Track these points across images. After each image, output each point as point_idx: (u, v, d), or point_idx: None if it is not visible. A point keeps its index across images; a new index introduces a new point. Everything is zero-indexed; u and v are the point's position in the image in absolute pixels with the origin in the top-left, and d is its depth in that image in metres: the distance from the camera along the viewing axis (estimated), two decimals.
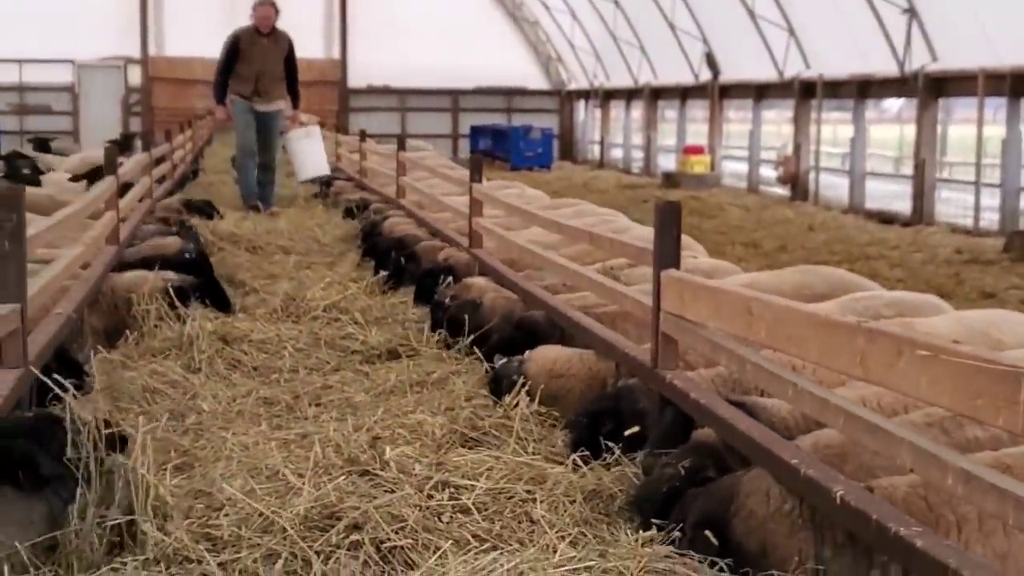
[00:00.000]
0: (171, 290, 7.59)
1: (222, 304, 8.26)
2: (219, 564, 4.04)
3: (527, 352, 6.31)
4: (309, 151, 17.40)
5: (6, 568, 3.81)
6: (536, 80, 38.90)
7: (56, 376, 4.76)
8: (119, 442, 4.44)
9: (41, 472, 4.10)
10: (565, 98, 38.70)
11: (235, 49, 15.77)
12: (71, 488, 4.18)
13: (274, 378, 6.98)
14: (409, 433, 5.60)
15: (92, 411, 5.57)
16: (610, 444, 5.17)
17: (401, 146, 14.58)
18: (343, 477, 4.73)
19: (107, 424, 4.35)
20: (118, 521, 4.19)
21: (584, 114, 38.22)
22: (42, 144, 22.52)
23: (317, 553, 4.11)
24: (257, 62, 15.71)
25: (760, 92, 25.97)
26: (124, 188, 10.97)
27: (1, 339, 4.68)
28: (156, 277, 7.77)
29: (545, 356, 6.23)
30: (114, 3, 35.40)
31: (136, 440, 4.61)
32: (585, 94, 37.24)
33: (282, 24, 16.11)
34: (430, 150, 24.29)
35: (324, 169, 17.74)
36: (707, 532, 4.13)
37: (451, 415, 5.82)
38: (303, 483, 4.59)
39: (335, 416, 5.99)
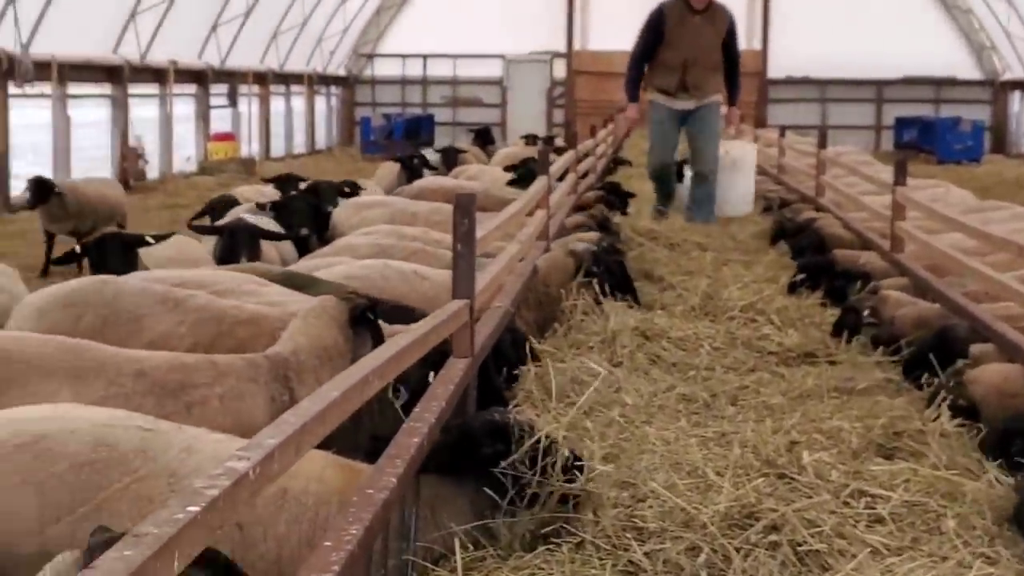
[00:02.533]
0: (595, 285, 8.00)
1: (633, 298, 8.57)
2: (645, 554, 4.30)
3: (967, 370, 6.18)
4: (735, 182, 14.26)
5: (457, 543, 4.21)
6: (967, 69, 37.20)
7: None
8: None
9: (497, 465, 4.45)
10: (999, 88, 36.76)
11: (658, 29, 12.57)
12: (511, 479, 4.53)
13: (692, 375, 7.21)
14: (825, 438, 5.69)
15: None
16: None
17: (822, 143, 14.46)
18: (761, 478, 4.91)
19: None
20: (552, 508, 4.54)
21: (1019, 105, 36.16)
22: (482, 135, 24.09)
23: (737, 550, 4.31)
24: (686, 46, 12.47)
25: None
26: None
27: (453, 332, 5.17)
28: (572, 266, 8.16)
29: (993, 374, 6.10)
30: (543, 0, 36.86)
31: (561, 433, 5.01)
32: (1021, 84, 35.27)
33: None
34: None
35: (747, 206, 14.50)
36: None
37: (868, 423, 5.86)
38: (723, 482, 4.80)
39: (753, 417, 6.17)
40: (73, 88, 22.28)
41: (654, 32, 12.56)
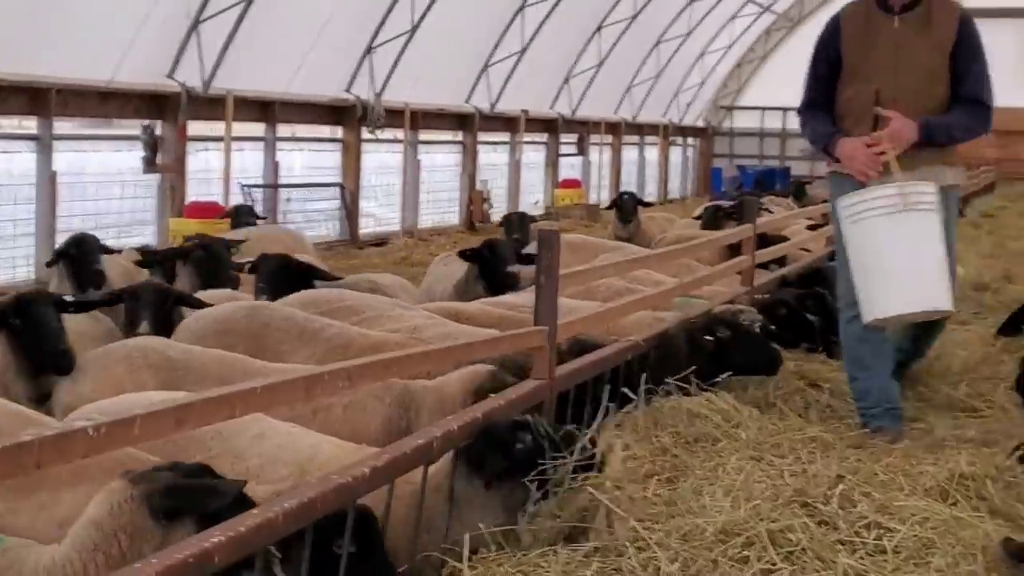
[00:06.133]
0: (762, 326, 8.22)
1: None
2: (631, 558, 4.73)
3: None
4: (913, 258, 6.42)
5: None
6: None
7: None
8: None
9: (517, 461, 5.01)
10: None
11: (831, 47, 6.90)
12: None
13: (845, 422, 7.26)
14: (905, 480, 5.68)
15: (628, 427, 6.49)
16: None
17: None
18: (772, 505, 5.17)
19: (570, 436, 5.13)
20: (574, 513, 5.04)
21: None
22: (798, 187, 24.12)
23: (713, 561, 4.67)
24: (878, 70, 6.74)
25: None
26: None
27: (532, 352, 5.81)
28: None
29: None
30: None
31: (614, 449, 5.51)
32: None
33: None
34: None
35: (942, 302, 6.59)
36: None
37: (952, 468, 5.85)
38: (725, 502, 5.14)
39: (854, 457, 6.29)
40: (424, 135, 24.19)
41: (826, 53, 6.94)
